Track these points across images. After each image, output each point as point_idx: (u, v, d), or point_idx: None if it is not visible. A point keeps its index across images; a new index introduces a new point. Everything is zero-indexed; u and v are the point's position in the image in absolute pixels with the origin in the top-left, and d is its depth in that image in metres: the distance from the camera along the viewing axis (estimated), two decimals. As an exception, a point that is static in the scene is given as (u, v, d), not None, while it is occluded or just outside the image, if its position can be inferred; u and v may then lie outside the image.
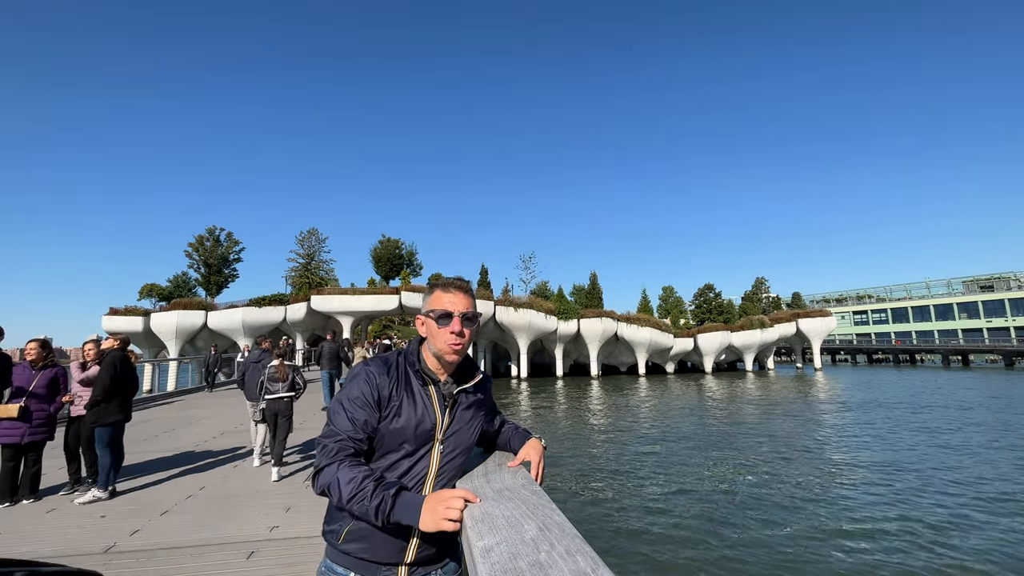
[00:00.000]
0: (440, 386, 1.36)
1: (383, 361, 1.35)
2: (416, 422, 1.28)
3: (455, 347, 1.32)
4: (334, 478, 1.15)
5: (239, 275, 45.94)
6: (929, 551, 6.65)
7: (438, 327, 1.32)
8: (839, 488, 9.40)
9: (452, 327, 1.31)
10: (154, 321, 34.46)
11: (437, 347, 1.33)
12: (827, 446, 13.32)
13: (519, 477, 1.31)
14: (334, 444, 1.21)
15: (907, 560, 6.40)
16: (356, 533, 1.25)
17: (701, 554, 6.64)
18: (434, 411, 1.32)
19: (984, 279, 63.52)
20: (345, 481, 1.13)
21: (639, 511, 8.28)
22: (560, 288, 44.61)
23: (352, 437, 1.22)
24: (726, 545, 6.90)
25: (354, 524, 1.25)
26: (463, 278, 1.41)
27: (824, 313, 44.48)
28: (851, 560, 6.41)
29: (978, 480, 9.82)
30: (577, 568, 0.76)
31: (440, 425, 1.32)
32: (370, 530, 1.23)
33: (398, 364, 1.35)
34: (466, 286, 1.39)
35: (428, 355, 1.37)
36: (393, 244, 44.89)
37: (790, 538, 7.07)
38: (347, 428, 1.23)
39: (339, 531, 1.27)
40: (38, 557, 3.49)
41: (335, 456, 1.19)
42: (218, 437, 7.95)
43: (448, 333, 1.31)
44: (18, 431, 4.73)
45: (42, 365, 5.01)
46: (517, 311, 36.29)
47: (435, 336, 1.33)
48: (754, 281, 60.25)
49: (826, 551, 6.66)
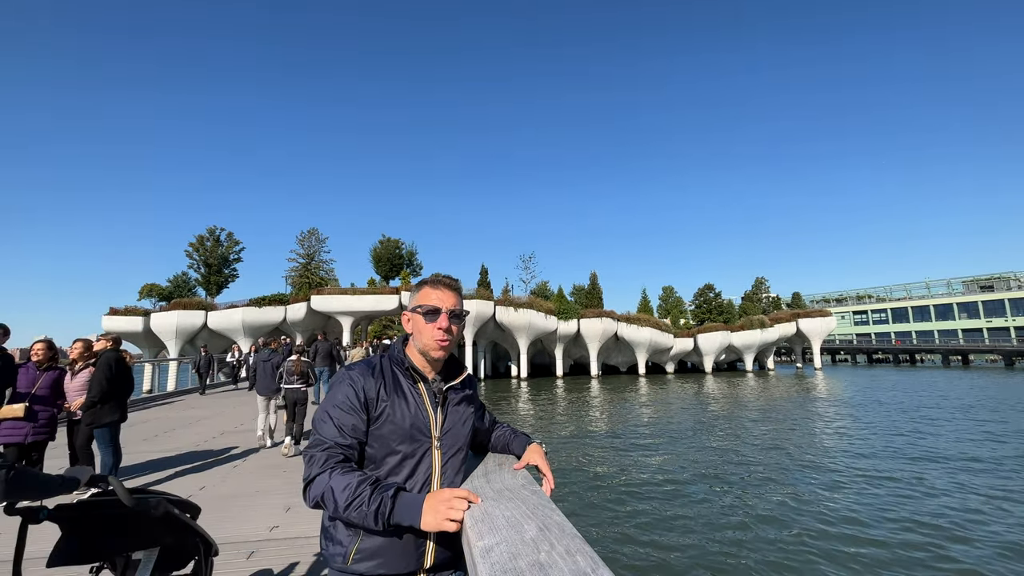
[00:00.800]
0: (429, 383, 1.34)
1: (366, 364, 1.32)
2: (410, 421, 1.25)
3: (442, 343, 1.30)
4: (327, 487, 1.09)
5: (239, 275, 46.01)
6: (930, 552, 6.65)
7: (425, 323, 1.30)
8: (839, 488, 9.40)
9: (439, 323, 1.29)
10: (154, 321, 34.46)
11: (423, 343, 1.31)
12: (827, 446, 13.32)
13: (519, 477, 1.31)
14: (322, 453, 1.16)
15: (907, 562, 6.40)
16: (368, 551, 1.18)
17: (701, 554, 6.64)
18: (426, 408, 1.29)
19: (984, 279, 63.55)
20: (340, 488, 1.08)
21: (639, 511, 8.27)
22: (560, 288, 44.63)
23: (340, 444, 1.18)
24: (726, 546, 6.90)
25: (363, 541, 1.18)
26: (451, 276, 1.40)
27: (824, 313, 44.51)
28: (849, 561, 6.41)
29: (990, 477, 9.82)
30: (577, 568, 0.76)
31: (435, 422, 1.29)
32: (385, 543, 1.17)
33: (383, 364, 1.32)
34: (455, 284, 1.38)
35: (414, 352, 1.36)
36: (393, 244, 44.91)
37: (792, 539, 7.08)
38: (334, 435, 1.19)
39: (346, 551, 1.19)
40: (38, 557, 3.49)
41: (324, 464, 1.14)
42: (218, 437, 7.95)
43: (435, 329, 1.29)
44: (22, 431, 4.75)
45: (47, 366, 5.04)
46: (517, 311, 36.29)
47: (422, 332, 1.31)
48: (754, 281, 60.31)
49: (827, 552, 6.66)
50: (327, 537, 1.26)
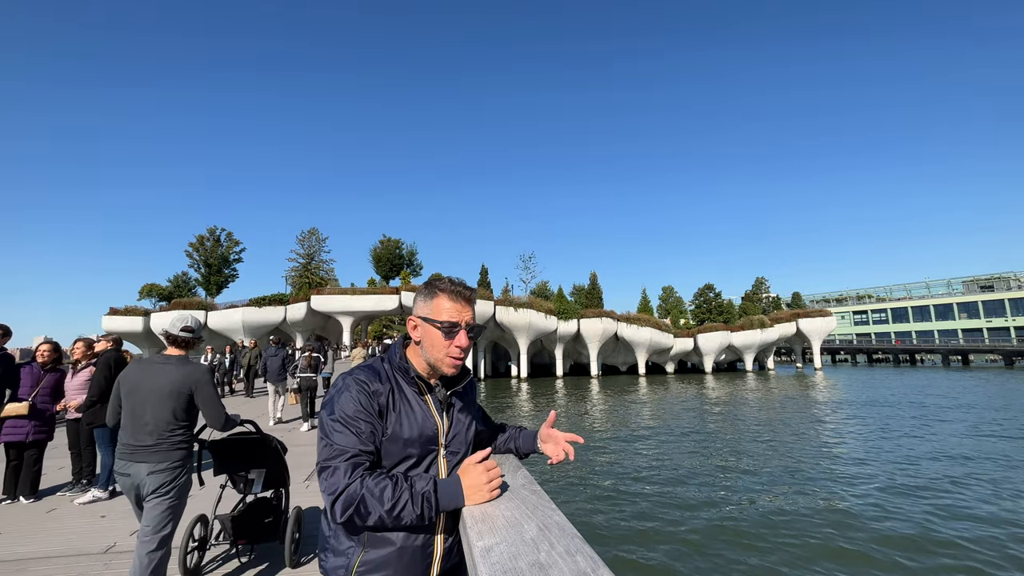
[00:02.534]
0: (435, 391, 1.29)
1: (370, 369, 1.25)
2: (418, 431, 1.21)
3: (457, 362, 1.24)
4: (361, 495, 1.04)
5: (239, 275, 46.06)
6: (930, 553, 6.64)
7: (443, 339, 1.22)
8: (840, 489, 9.40)
9: (459, 341, 1.22)
10: (154, 321, 34.49)
11: (435, 357, 1.24)
12: (828, 445, 13.32)
13: (519, 477, 1.30)
14: (345, 463, 1.08)
15: (910, 561, 6.40)
16: (372, 563, 1.13)
17: (702, 555, 6.64)
18: (433, 417, 1.25)
19: (984, 279, 63.59)
20: (378, 493, 1.04)
21: (640, 510, 8.27)
22: (560, 288, 44.73)
23: (363, 451, 1.11)
24: (728, 546, 6.90)
25: (367, 553, 1.13)
26: (466, 283, 1.30)
27: (824, 313, 44.53)
28: (851, 561, 6.41)
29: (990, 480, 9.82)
30: (577, 568, 0.76)
31: (442, 430, 1.26)
32: (392, 555, 1.14)
33: (387, 371, 1.26)
34: (472, 294, 1.29)
35: (417, 359, 1.29)
36: (393, 244, 44.95)
37: (795, 538, 7.07)
38: (353, 443, 1.11)
39: (348, 565, 1.14)
40: (38, 557, 3.50)
41: (353, 475, 1.06)
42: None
43: (453, 347, 1.22)
44: (23, 430, 4.78)
45: (50, 367, 5.07)
46: (517, 311, 36.32)
47: (436, 346, 1.23)
48: (754, 281, 60.41)
49: (828, 553, 6.66)
50: (326, 549, 1.19)
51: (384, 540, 1.14)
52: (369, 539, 1.14)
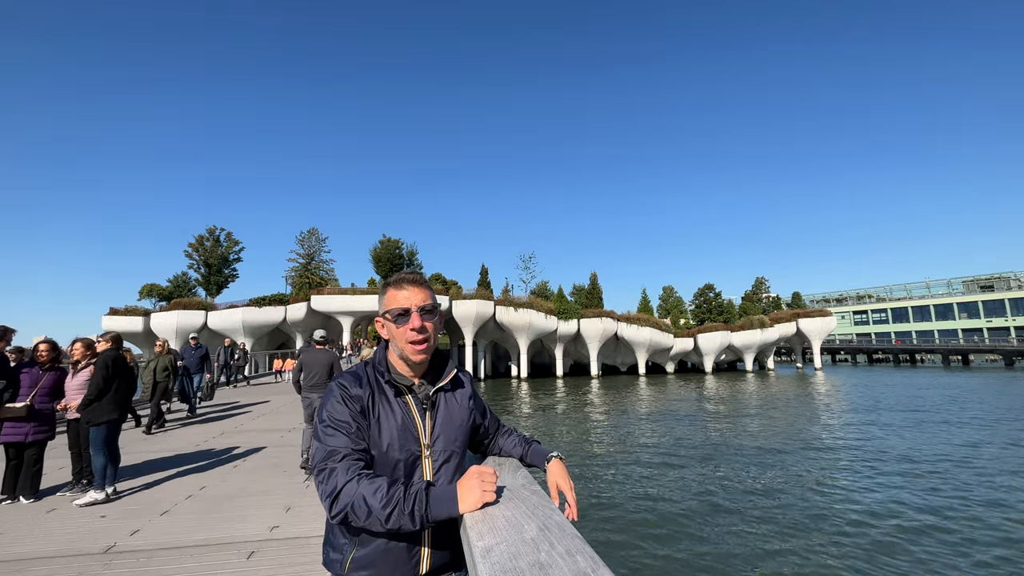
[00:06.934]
0: (415, 391, 1.29)
1: (353, 374, 1.28)
2: (398, 433, 1.22)
3: (418, 346, 1.25)
4: (357, 495, 1.06)
5: (239, 275, 46.13)
6: (934, 555, 6.64)
7: (397, 327, 1.26)
8: (841, 488, 9.39)
9: (411, 324, 1.24)
10: (154, 321, 34.53)
11: (401, 348, 1.27)
12: (828, 445, 13.31)
13: (519, 477, 1.30)
14: (340, 463, 1.11)
15: (911, 561, 6.40)
16: (362, 560, 1.18)
17: (703, 554, 6.63)
18: (414, 418, 1.26)
19: (984, 279, 63.54)
20: (371, 493, 1.05)
21: (640, 510, 8.27)
22: (560, 288, 44.75)
23: (356, 450, 1.15)
24: (729, 547, 6.89)
25: (359, 550, 1.18)
26: (415, 271, 1.35)
27: (824, 313, 44.52)
28: (851, 561, 6.41)
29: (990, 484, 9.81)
30: (577, 568, 0.76)
31: (423, 430, 1.26)
32: (379, 552, 1.18)
33: (368, 375, 1.28)
34: (419, 278, 1.31)
35: (395, 359, 1.31)
36: (393, 244, 44.96)
37: (795, 539, 7.07)
38: (345, 443, 1.15)
39: (343, 559, 1.19)
40: (38, 557, 3.50)
41: (349, 473, 1.09)
42: (218, 437, 7.95)
43: (408, 331, 1.24)
44: (22, 430, 4.77)
45: (49, 367, 5.06)
46: (517, 311, 36.32)
47: (397, 337, 1.27)
48: (754, 281, 60.40)
49: (832, 553, 6.65)
50: (328, 544, 1.26)
51: (373, 538, 1.18)
52: (360, 537, 1.19)
